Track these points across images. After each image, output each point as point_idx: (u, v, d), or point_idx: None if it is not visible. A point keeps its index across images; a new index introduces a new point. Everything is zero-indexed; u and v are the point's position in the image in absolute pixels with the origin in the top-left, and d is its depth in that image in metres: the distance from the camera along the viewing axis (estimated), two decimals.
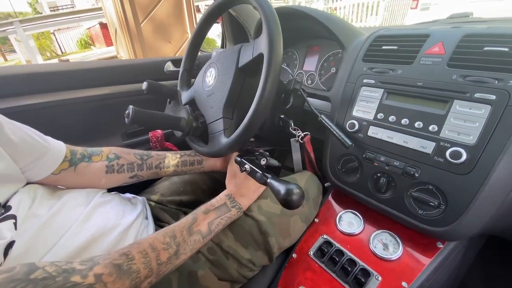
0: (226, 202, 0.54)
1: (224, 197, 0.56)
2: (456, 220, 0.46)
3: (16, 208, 0.37)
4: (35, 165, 0.44)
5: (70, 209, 0.44)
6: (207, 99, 0.60)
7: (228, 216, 0.53)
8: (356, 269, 0.53)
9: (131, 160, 0.58)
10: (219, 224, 0.51)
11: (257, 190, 0.59)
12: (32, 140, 0.43)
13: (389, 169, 0.53)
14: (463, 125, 0.45)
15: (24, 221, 0.37)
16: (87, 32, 13.28)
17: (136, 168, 0.59)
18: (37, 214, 0.39)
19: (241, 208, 0.55)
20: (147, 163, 0.60)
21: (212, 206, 0.52)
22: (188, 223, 0.47)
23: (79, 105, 0.83)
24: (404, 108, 0.52)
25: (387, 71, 0.55)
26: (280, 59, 0.46)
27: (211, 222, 0.50)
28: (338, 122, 0.62)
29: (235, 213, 0.54)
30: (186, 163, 0.65)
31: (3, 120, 0.39)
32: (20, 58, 8.54)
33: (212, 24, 0.70)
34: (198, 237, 0.47)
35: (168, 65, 1.01)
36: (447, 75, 0.48)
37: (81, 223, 0.42)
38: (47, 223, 0.39)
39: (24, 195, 0.40)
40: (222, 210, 0.53)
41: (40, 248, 0.36)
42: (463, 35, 0.49)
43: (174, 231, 0.45)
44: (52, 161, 0.46)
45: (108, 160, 0.56)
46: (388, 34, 0.60)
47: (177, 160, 0.64)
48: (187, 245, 0.45)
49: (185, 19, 3.53)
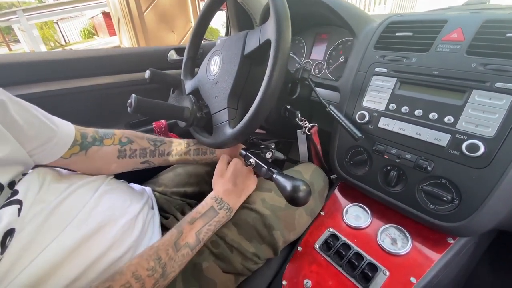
0: (213, 205, 0.51)
1: (210, 200, 0.52)
2: (470, 216, 0.44)
3: (24, 194, 0.35)
4: (43, 149, 0.41)
5: (78, 196, 0.42)
6: (211, 88, 0.58)
7: (217, 220, 0.50)
8: (363, 264, 0.52)
9: (144, 146, 0.56)
10: (208, 231, 0.48)
11: (246, 188, 0.57)
12: (40, 122, 0.40)
13: (400, 162, 0.51)
14: (481, 117, 0.42)
15: (31, 208, 0.35)
16: (90, 22, 13.18)
17: (148, 154, 0.57)
18: (45, 199, 0.38)
19: (230, 209, 0.52)
20: (159, 150, 0.58)
21: (198, 213, 0.49)
22: (174, 238, 0.44)
23: (82, 94, 0.82)
24: (418, 98, 0.50)
25: (401, 59, 0.53)
26: (288, 46, 0.44)
27: (199, 231, 0.47)
28: (347, 113, 0.60)
29: (223, 215, 0.51)
30: (199, 152, 0.63)
31: (8, 100, 0.36)
32: (24, 47, 8.54)
33: (216, 11, 0.67)
34: (186, 251, 0.44)
35: (171, 53, 0.98)
36: (466, 63, 0.45)
37: (88, 210, 0.41)
38: (54, 210, 0.37)
39: (32, 180, 0.38)
40: (209, 215, 0.49)
41: (45, 237, 0.35)
42: (484, 20, 0.46)
43: (159, 251, 0.41)
44: (60, 145, 0.44)
45: (121, 144, 0.53)
46: (402, 19, 0.57)
47: (189, 148, 0.62)
48: (174, 263, 0.42)
49: (188, 8, 3.48)
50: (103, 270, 0.38)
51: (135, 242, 0.45)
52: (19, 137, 0.37)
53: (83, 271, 0.36)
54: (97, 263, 0.38)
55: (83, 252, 0.37)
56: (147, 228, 0.50)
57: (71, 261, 0.35)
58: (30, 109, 0.39)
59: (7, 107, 0.35)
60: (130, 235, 0.45)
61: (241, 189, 0.56)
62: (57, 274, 0.34)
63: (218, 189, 0.55)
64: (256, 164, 0.54)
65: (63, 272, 0.34)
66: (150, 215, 0.54)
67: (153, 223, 0.53)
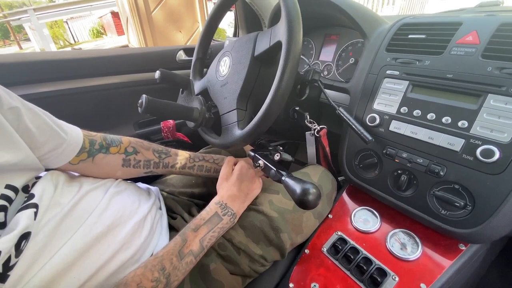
0: (217, 211, 0.50)
1: (214, 206, 0.51)
2: (483, 223, 0.43)
3: (40, 197, 0.36)
4: (52, 155, 0.42)
5: (89, 198, 0.43)
6: (221, 89, 0.58)
7: (220, 226, 0.49)
8: (372, 268, 0.52)
9: (148, 158, 0.57)
10: (212, 237, 0.47)
11: (251, 192, 0.56)
12: (51, 129, 0.41)
13: (412, 166, 0.50)
14: (497, 122, 0.41)
15: (47, 212, 0.36)
16: (98, 21, 13.35)
17: (152, 166, 0.57)
18: (60, 202, 0.38)
19: (234, 214, 0.52)
20: (164, 162, 0.59)
21: (202, 220, 0.48)
22: (178, 246, 0.43)
23: (92, 93, 0.83)
24: (431, 102, 0.49)
25: (413, 62, 0.52)
26: (299, 48, 0.44)
27: (203, 238, 0.46)
28: (358, 115, 0.59)
29: (227, 221, 0.50)
30: (203, 169, 0.63)
31: (21, 106, 0.36)
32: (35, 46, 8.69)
33: (226, 12, 0.67)
34: (190, 259, 0.43)
35: (180, 54, 0.99)
36: (481, 67, 0.44)
37: (99, 212, 0.42)
38: (67, 214, 0.38)
39: (47, 183, 0.39)
40: (213, 221, 0.49)
41: (59, 239, 0.36)
42: (500, 23, 0.45)
43: (163, 261, 0.40)
44: (69, 151, 0.45)
45: (126, 153, 0.54)
46: (415, 22, 0.56)
47: (194, 164, 0.62)
48: (178, 271, 0.41)
49: (196, 8, 3.49)
50: (113, 272, 0.39)
51: (143, 243, 0.45)
52: (31, 143, 0.37)
53: (94, 272, 0.37)
54: (108, 264, 0.39)
55: (94, 254, 0.38)
56: (155, 228, 0.50)
57: (82, 263, 0.36)
58: (42, 116, 0.40)
59: (21, 114, 0.36)
60: (139, 236, 0.45)
61: (246, 193, 0.56)
62: (68, 276, 0.34)
63: (222, 194, 0.54)
64: (264, 166, 0.54)
65: (75, 274, 0.35)
66: (158, 215, 0.54)
67: (161, 223, 0.53)
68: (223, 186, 0.56)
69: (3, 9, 9.80)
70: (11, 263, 0.29)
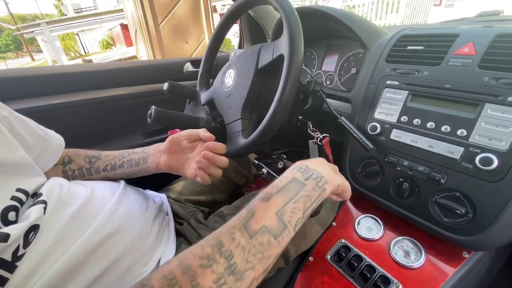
0: (295, 176, 0.36)
1: (290, 172, 0.37)
2: (485, 230, 0.43)
3: (47, 196, 0.38)
4: (42, 158, 0.47)
5: (99, 200, 0.45)
6: (226, 100, 0.60)
7: (305, 195, 0.34)
8: (376, 276, 0.52)
9: (80, 165, 0.54)
10: (295, 210, 0.33)
11: (336, 174, 0.42)
12: (37, 134, 0.46)
13: (413, 174, 0.51)
14: (494, 130, 0.42)
15: (56, 209, 0.37)
16: (108, 33, 13.75)
17: (86, 173, 0.54)
18: (69, 202, 0.40)
19: (324, 178, 0.36)
20: (94, 167, 0.54)
21: (275, 188, 0.34)
22: (242, 219, 0.30)
23: (103, 104, 0.87)
24: (430, 111, 0.50)
25: (412, 73, 0.53)
26: (301, 61, 0.46)
27: (281, 211, 0.32)
28: (359, 124, 0.60)
29: (313, 187, 0.35)
30: (132, 163, 0.54)
31: (10, 115, 0.41)
32: (47, 57, 8.98)
33: (231, 25, 0.70)
34: (266, 238, 0.29)
35: (187, 65, 1.02)
36: (478, 77, 0.45)
37: (109, 213, 0.43)
38: (78, 212, 0.39)
39: (53, 183, 0.41)
40: (291, 189, 0.34)
41: (70, 237, 0.37)
42: (496, 35, 0.47)
43: (219, 235, 0.29)
44: (54, 153, 0.50)
45: (63, 164, 0.53)
46: (414, 33, 0.58)
47: (123, 161, 0.55)
48: (250, 254, 0.28)
49: (202, 20, 3.58)
50: (123, 272, 0.40)
51: (151, 246, 0.47)
52: (24, 146, 0.41)
53: (103, 272, 0.38)
54: (116, 265, 0.40)
55: (103, 253, 0.39)
56: (162, 232, 0.52)
57: (91, 262, 0.37)
58: (28, 122, 0.46)
59: (12, 122, 0.41)
60: (147, 239, 0.47)
61: (336, 171, 0.43)
62: (78, 275, 0.36)
63: (302, 162, 0.40)
64: (268, 173, 0.55)
65: (84, 273, 0.36)
66: (166, 220, 0.56)
67: (168, 228, 0.55)
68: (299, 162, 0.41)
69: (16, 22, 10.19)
70: (19, 253, 0.31)
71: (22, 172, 0.39)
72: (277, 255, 0.30)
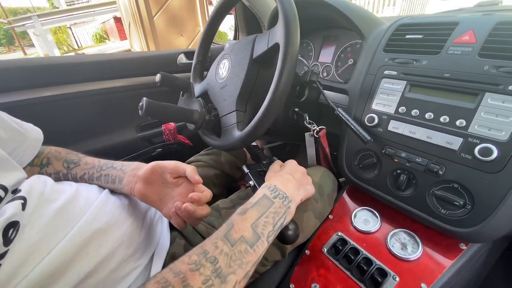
0: (265, 193, 0.43)
1: (261, 190, 0.44)
2: (483, 221, 0.43)
3: (27, 192, 0.36)
4: (18, 153, 0.44)
5: (85, 195, 0.43)
6: (220, 91, 0.59)
7: (273, 211, 0.41)
8: (372, 268, 0.52)
9: (57, 169, 0.50)
10: (266, 224, 0.39)
11: (304, 185, 0.51)
12: (10, 127, 0.43)
13: (410, 165, 0.51)
14: (494, 120, 0.42)
15: (39, 205, 0.36)
16: (101, 26, 13.50)
17: (62, 178, 0.50)
18: (52, 198, 0.38)
19: (288, 198, 0.44)
20: (71, 173, 0.50)
21: (249, 204, 0.41)
22: (222, 231, 0.36)
23: (94, 97, 0.84)
24: (429, 101, 0.49)
25: (411, 62, 0.52)
26: (296, 49, 0.44)
27: (255, 224, 0.38)
28: (356, 116, 0.59)
29: (280, 205, 0.42)
30: (108, 179, 0.50)
31: None
32: (39, 52, 8.79)
33: (225, 15, 0.68)
34: (244, 247, 0.35)
35: (180, 57, 1.00)
36: (478, 66, 0.44)
37: (97, 209, 0.41)
38: (63, 208, 0.38)
39: (35, 181, 0.39)
40: (263, 204, 0.41)
41: (56, 234, 0.35)
42: (496, 22, 0.46)
43: (204, 245, 0.33)
44: (32, 147, 0.47)
45: (41, 166, 0.50)
46: (412, 22, 0.56)
47: (100, 173, 0.50)
48: (231, 260, 0.32)
49: (197, 12, 3.52)
50: (113, 268, 0.39)
51: (144, 241, 0.46)
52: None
53: (93, 269, 0.37)
54: (107, 261, 0.39)
55: (92, 249, 0.38)
56: (155, 227, 0.51)
57: (81, 258, 0.36)
58: (1, 115, 0.42)
59: None
60: (139, 234, 0.46)
61: (300, 183, 0.49)
62: (68, 272, 0.35)
63: (271, 181, 0.47)
64: (253, 188, 0.53)
65: (74, 269, 0.35)
66: (158, 214, 0.54)
67: (161, 222, 0.54)
68: (271, 176, 0.49)
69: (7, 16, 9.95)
70: (0, 251, 0.29)
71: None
72: (254, 262, 0.35)
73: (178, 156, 0.69)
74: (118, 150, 0.91)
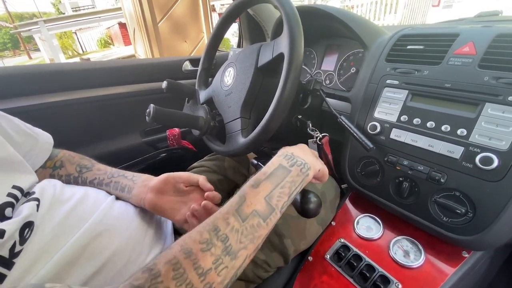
0: (281, 163, 0.40)
1: (276, 159, 0.41)
2: (484, 229, 0.43)
3: (40, 194, 0.38)
4: (31, 156, 0.46)
5: (93, 198, 0.44)
6: (225, 98, 0.60)
7: (290, 180, 0.38)
8: (375, 275, 0.52)
9: (69, 172, 0.52)
10: (282, 195, 0.36)
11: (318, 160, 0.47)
12: (23, 131, 0.46)
13: (413, 173, 0.51)
14: (495, 130, 0.42)
15: (51, 207, 0.37)
16: (106, 32, 13.69)
17: (72, 181, 0.52)
18: (63, 199, 0.40)
19: (307, 164, 0.40)
20: (82, 177, 0.52)
21: (263, 174, 0.38)
22: (234, 205, 0.34)
23: (100, 102, 0.86)
24: (430, 110, 0.50)
25: (412, 72, 0.53)
26: (301, 59, 0.45)
27: (269, 195, 0.36)
28: (359, 123, 0.60)
29: (298, 173, 0.39)
30: (117, 187, 0.51)
31: None
32: (44, 56, 8.92)
33: (231, 24, 0.70)
34: (256, 221, 0.33)
35: (186, 64, 1.02)
36: (478, 77, 0.45)
37: (104, 211, 0.42)
38: (73, 209, 0.39)
39: (46, 184, 0.41)
40: (278, 175, 0.38)
41: (65, 234, 0.37)
42: (496, 35, 0.47)
43: (215, 221, 0.32)
44: (43, 150, 0.49)
45: (54, 168, 0.52)
46: (414, 33, 0.58)
47: (111, 180, 0.52)
48: (242, 236, 0.32)
49: (201, 19, 3.57)
50: (119, 269, 0.40)
51: (149, 244, 0.46)
52: (12, 144, 0.40)
53: (99, 269, 0.38)
54: (113, 262, 0.39)
55: (98, 250, 0.38)
56: (160, 231, 0.52)
57: (86, 259, 0.37)
58: (14, 120, 0.45)
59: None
60: (144, 237, 0.46)
61: (315, 154, 0.47)
62: (75, 271, 0.35)
63: (287, 149, 0.44)
64: None
65: (81, 269, 0.36)
66: (164, 218, 0.55)
67: (166, 226, 0.54)
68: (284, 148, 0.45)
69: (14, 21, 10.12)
70: (16, 250, 0.31)
71: (15, 169, 0.38)
72: (265, 235, 0.34)
73: (181, 161, 0.70)
74: (123, 155, 0.92)
